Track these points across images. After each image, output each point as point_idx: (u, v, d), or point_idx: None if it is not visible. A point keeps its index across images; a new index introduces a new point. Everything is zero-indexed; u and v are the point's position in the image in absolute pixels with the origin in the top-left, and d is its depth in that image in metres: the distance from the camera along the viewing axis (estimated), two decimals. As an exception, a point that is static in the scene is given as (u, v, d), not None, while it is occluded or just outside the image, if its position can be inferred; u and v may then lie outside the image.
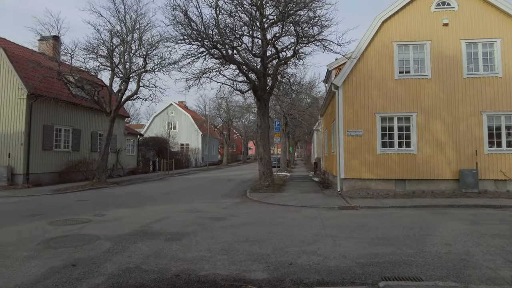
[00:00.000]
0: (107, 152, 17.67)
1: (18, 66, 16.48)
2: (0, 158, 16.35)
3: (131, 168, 26.06)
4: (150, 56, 17.20)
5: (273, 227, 6.91)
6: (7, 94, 16.54)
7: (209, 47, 13.12)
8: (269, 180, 14.53)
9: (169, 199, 11.61)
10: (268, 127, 15.23)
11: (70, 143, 19.39)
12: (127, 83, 17.56)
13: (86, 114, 20.71)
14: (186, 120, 42.46)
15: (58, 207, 9.55)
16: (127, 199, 11.52)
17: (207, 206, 9.82)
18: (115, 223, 7.18)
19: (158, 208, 9.37)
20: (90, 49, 16.17)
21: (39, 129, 17.03)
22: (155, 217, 7.92)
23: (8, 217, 8.04)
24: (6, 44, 17.60)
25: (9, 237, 5.94)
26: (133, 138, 27.85)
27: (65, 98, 18.03)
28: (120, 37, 16.84)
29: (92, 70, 16.76)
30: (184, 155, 38.05)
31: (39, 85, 16.60)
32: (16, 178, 16.18)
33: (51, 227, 6.74)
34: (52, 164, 17.93)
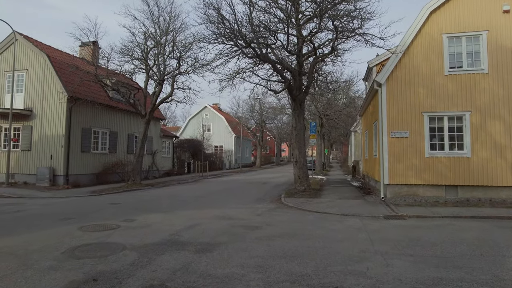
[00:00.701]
0: (142, 154, 17.79)
1: (59, 71, 17.02)
2: (43, 160, 16.97)
3: (167, 169, 26.32)
4: (183, 58, 17.12)
5: (313, 240, 6.20)
6: (50, 98, 17.14)
7: (242, 46, 12.65)
8: (305, 184, 13.76)
9: (201, 203, 11.24)
10: (303, 129, 14.48)
11: (107, 145, 19.80)
12: (161, 86, 17.57)
13: (123, 117, 21.10)
14: (220, 122, 42.57)
15: (91, 211, 9.46)
16: (159, 203, 11.30)
17: (240, 212, 9.29)
18: (143, 231, 6.82)
19: (189, 214, 8.98)
20: (125, 51, 16.35)
21: (78, 131, 17.49)
22: (186, 224, 7.50)
23: (44, 220, 7.99)
24: (49, 51, 18.30)
25: (38, 243, 5.74)
26: (169, 140, 28.15)
27: (102, 101, 18.41)
28: (154, 39, 16.88)
29: (128, 73, 16.92)
30: (218, 157, 38.09)
31: (78, 89, 17.04)
32: (57, 179, 16.69)
33: (80, 233, 6.51)
34: (90, 166, 18.35)
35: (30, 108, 17.55)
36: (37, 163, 17.04)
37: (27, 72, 17.77)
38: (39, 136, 17.24)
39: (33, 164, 17.17)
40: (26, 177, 17.18)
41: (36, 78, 17.57)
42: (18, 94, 17.78)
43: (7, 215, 8.74)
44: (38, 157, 17.15)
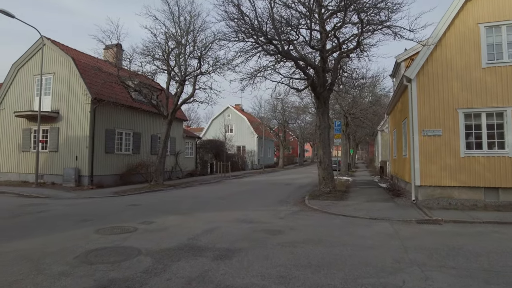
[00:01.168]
0: (164, 155, 17.78)
1: (84, 73, 17.31)
2: (69, 160, 17.31)
3: (190, 170, 26.35)
4: (204, 57, 16.95)
5: (340, 247, 5.71)
6: (75, 100, 17.47)
7: (263, 43, 12.26)
8: (330, 186, 13.18)
9: (222, 205, 10.94)
10: (328, 127, 13.90)
11: (131, 146, 19.98)
12: (183, 86, 17.50)
13: (146, 118, 21.25)
14: (242, 123, 42.42)
15: (111, 212, 9.37)
16: (179, 204, 11.09)
17: (262, 215, 8.89)
18: (160, 234, 6.57)
19: (209, 216, 8.68)
20: (146, 52, 16.36)
21: (102, 132, 17.71)
22: (205, 227, 7.19)
23: (63, 221, 7.93)
24: (74, 54, 18.67)
25: (53, 246, 5.59)
26: (192, 141, 28.21)
27: (125, 102, 18.58)
28: (175, 40, 16.81)
29: (149, 74, 16.96)
30: (240, 157, 37.91)
31: (101, 90, 17.26)
32: (82, 179, 16.96)
33: (96, 236, 6.33)
34: (114, 167, 18.55)
35: (57, 110, 17.97)
36: (64, 164, 17.39)
37: (54, 75, 18.21)
38: (65, 138, 17.61)
39: (60, 164, 17.55)
40: (53, 178, 17.58)
41: (62, 81, 17.96)
42: (46, 96, 18.25)
43: (31, 215, 8.78)
44: (64, 158, 17.51)
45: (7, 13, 15.17)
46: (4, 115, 19.65)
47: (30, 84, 18.92)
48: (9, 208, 9.94)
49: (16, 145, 19.07)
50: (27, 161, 18.32)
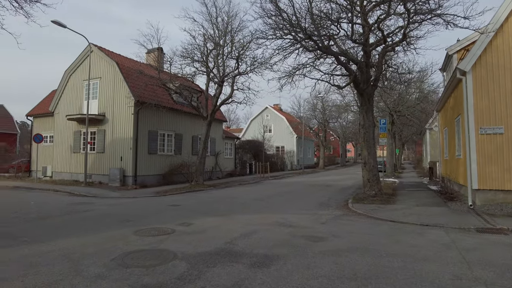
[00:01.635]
0: (204, 155, 17.94)
1: (127, 77, 17.97)
2: (114, 161, 18.07)
3: (229, 170, 26.51)
4: (242, 57, 16.82)
5: (389, 257, 5.17)
6: (119, 103, 18.20)
7: (302, 39, 11.83)
8: (376, 188, 12.40)
9: (261, 207, 10.67)
10: (373, 126, 13.11)
11: (173, 147, 20.45)
12: (221, 87, 17.53)
13: (187, 119, 21.65)
14: (281, 123, 42.00)
15: (151, 213, 9.48)
16: (218, 205, 11.00)
17: (302, 219, 8.48)
18: (198, 237, 6.43)
19: (247, 218, 8.44)
20: (186, 55, 16.57)
21: (145, 134, 18.27)
22: (242, 231, 6.95)
23: (106, 221, 8.12)
24: (118, 59, 19.48)
25: (93, 247, 5.65)
26: (231, 141, 28.37)
27: (166, 104, 19.02)
28: (213, 41, 16.87)
29: (189, 76, 17.18)
30: (279, 157, 37.52)
31: (144, 93, 17.80)
32: (127, 179, 17.60)
33: (134, 237, 6.34)
34: (156, 167, 19.06)
35: (103, 113, 18.84)
36: (110, 164, 18.19)
37: (101, 80, 19.13)
38: (111, 139, 18.41)
39: (106, 165, 18.37)
40: (100, 177, 18.45)
41: (108, 85, 18.81)
42: (93, 100, 19.23)
43: (77, 214, 9.13)
44: (110, 159, 18.31)
45: (59, 23, 16.12)
46: (58, 119, 21.01)
47: (80, 89, 20.06)
48: (60, 207, 10.45)
49: (68, 146, 20.30)
50: (77, 162, 19.42)
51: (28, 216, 8.74)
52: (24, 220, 8.21)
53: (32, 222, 7.99)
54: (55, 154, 21.15)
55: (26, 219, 8.34)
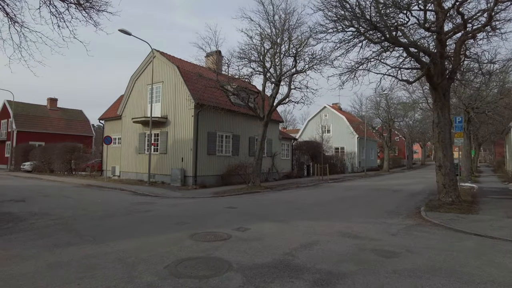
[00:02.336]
0: (261, 156, 17.65)
1: (187, 80, 18.44)
2: (176, 162, 18.63)
3: (286, 172, 25.98)
4: (300, 54, 16.18)
5: (487, 285, 4.20)
6: (180, 105, 18.75)
7: (366, 30, 10.86)
8: (453, 195, 10.91)
9: (320, 213, 9.96)
10: (449, 124, 11.60)
11: (230, 148, 20.53)
12: (278, 87, 17.08)
13: (244, 120, 21.61)
14: (340, 123, 40.29)
15: (207, 214, 9.33)
16: (275, 209, 10.53)
17: (368, 229, 7.62)
18: (254, 245, 6.00)
19: (307, 226, 7.82)
20: (243, 55, 16.43)
21: (204, 135, 18.57)
22: (303, 240, 6.37)
23: (163, 223, 8.12)
24: (179, 63, 20.10)
25: (148, 251, 5.54)
26: (288, 142, 27.82)
27: (224, 106, 19.14)
28: (270, 40, 16.50)
29: (246, 77, 17.01)
30: (339, 159, 35.93)
31: (203, 96, 18.08)
32: (187, 179, 18.03)
33: (189, 242, 6.13)
34: (215, 168, 19.27)
35: (166, 115, 19.57)
36: (172, 165, 18.80)
37: (163, 84, 19.90)
38: (173, 141, 19.03)
39: (169, 165, 19.03)
40: (163, 177, 19.17)
41: (169, 89, 19.50)
42: (156, 104, 20.09)
43: (138, 214, 9.33)
44: (172, 160, 18.94)
45: (125, 31, 17.06)
46: (125, 122, 22.38)
47: (144, 93, 21.12)
48: (123, 206, 10.86)
49: (134, 148, 21.50)
50: (142, 162, 20.43)
51: (94, 215, 9.14)
52: (90, 218, 8.57)
53: (97, 221, 8.30)
54: (122, 154, 22.57)
55: (92, 217, 8.72)
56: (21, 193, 13.91)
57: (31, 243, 6.08)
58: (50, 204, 11.16)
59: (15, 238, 6.49)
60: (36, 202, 11.53)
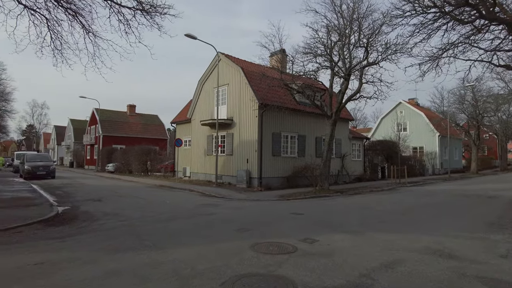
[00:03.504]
0: (329, 157, 16.49)
1: (251, 80, 18.14)
2: (241, 163, 18.46)
3: (357, 174, 24.23)
4: (372, 44, 14.69)
5: None
6: (245, 106, 18.54)
7: (454, 8, 9.21)
8: None
9: (402, 223, 8.63)
10: None
11: (296, 148, 19.72)
12: (347, 81, 15.77)
13: (310, 120, 20.63)
14: (418, 120, 36.60)
15: (271, 221, 8.69)
16: (347, 217, 9.45)
17: (465, 246, 6.20)
18: (323, 262, 5.15)
19: (386, 239, 6.69)
20: (308, 50, 15.49)
21: (269, 136, 18.07)
22: (382, 258, 5.34)
23: (225, 228, 7.69)
24: (243, 64, 19.96)
25: (205, 261, 5.08)
26: (359, 142, 25.98)
27: (289, 106, 18.41)
28: (338, 31, 15.30)
29: (311, 73, 16.02)
30: (418, 160, 32.59)
31: (267, 96, 17.59)
32: (252, 181, 17.70)
33: (250, 253, 5.52)
34: (280, 169, 18.64)
35: (231, 117, 19.55)
36: (237, 166, 18.68)
37: (228, 86, 19.94)
38: (238, 142, 18.90)
39: (235, 167, 18.96)
40: (229, 179, 19.16)
41: (234, 90, 19.43)
42: (222, 106, 20.20)
43: (202, 217, 9.11)
44: (238, 161, 18.81)
45: (191, 36, 17.40)
46: (194, 125, 23.02)
47: (211, 96, 21.45)
48: (189, 208, 10.81)
49: (203, 149, 21.95)
50: (210, 163, 20.71)
51: (160, 216, 9.15)
52: (156, 220, 8.56)
53: (161, 223, 8.23)
54: (192, 156, 23.25)
55: (157, 219, 8.70)
56: (100, 193, 14.93)
57: (96, 246, 6.09)
58: (122, 204, 11.63)
59: (84, 239, 6.60)
60: (110, 202, 12.15)
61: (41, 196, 12.91)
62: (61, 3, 9.82)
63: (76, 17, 10.14)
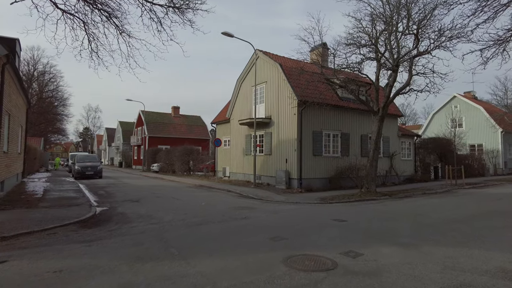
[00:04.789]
0: (376, 157, 15.17)
1: (290, 77, 17.35)
2: (280, 163, 17.73)
3: (407, 175, 22.39)
4: (423, 31, 13.19)
5: None
6: (283, 104, 17.79)
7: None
8: None
9: (464, 234, 7.35)
10: None
11: (339, 148, 18.56)
12: (396, 73, 14.38)
13: (354, 117, 19.34)
14: (476, 114, 33.25)
15: (310, 228, 7.87)
16: (396, 225, 8.34)
17: (553, 267, 4.97)
18: (368, 284, 4.28)
19: (447, 255, 5.60)
20: (351, 41, 14.33)
21: (309, 135, 17.14)
22: (444, 282, 4.33)
23: (257, 236, 7.01)
24: (282, 60, 19.21)
25: (229, 278, 4.47)
26: (409, 140, 24.04)
27: (330, 102, 17.33)
28: (384, 20, 13.99)
29: (355, 66, 14.83)
30: (476, 159, 29.54)
31: (306, 92, 16.69)
32: (292, 182, 16.91)
33: (282, 269, 4.80)
34: (322, 170, 17.62)
35: (269, 116, 18.90)
36: (276, 166, 17.99)
37: (266, 84, 19.30)
38: (277, 141, 18.20)
39: (273, 167, 18.28)
40: (268, 179, 18.53)
41: (273, 88, 18.75)
42: (260, 105, 19.63)
43: (233, 222, 8.54)
44: (276, 161, 18.12)
45: (228, 34, 17.04)
46: (233, 124, 22.71)
47: (249, 94, 20.97)
48: (222, 211, 10.33)
49: (241, 149, 21.55)
50: (249, 163, 20.24)
51: (192, 220, 8.75)
52: (186, 224, 8.16)
53: (192, 228, 7.79)
54: (231, 156, 22.97)
55: (189, 223, 8.30)
56: (140, 193, 15.06)
57: (120, 252, 5.76)
58: (158, 206, 11.47)
59: (110, 244, 6.33)
60: (147, 203, 12.08)
61: (83, 196, 13.22)
62: (96, 5, 9.83)
63: (110, 18, 10.12)
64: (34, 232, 7.42)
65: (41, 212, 9.59)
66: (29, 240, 6.74)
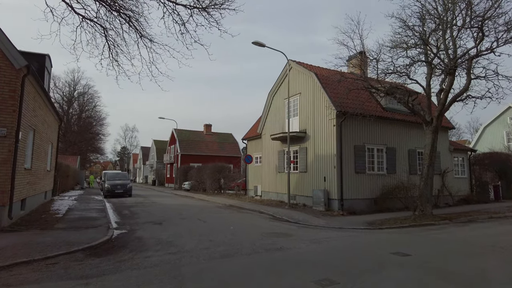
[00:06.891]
0: (431, 175, 13.04)
1: (327, 86, 15.87)
2: (317, 181, 16.00)
3: (462, 195, 19.66)
4: (488, 26, 11.25)
5: None
6: (320, 116, 16.23)
7: None
8: None
9: None
10: None
11: (384, 164, 16.51)
12: (452, 76, 12.42)
13: (400, 129, 17.29)
14: (539, 127, 29.57)
15: (366, 266, 6.10)
16: (483, 264, 6.32)
17: None
18: None
19: None
20: (396, 42, 12.64)
21: (350, 150, 15.34)
22: None
23: (293, 275, 5.43)
24: (317, 70, 17.82)
25: None
26: (462, 155, 21.38)
27: (373, 113, 15.49)
28: (436, 16, 12.21)
29: (402, 70, 13.05)
30: (543, 177, 25.82)
31: (345, 102, 15.07)
32: (332, 203, 15.08)
33: None
34: (366, 189, 15.62)
35: (304, 129, 17.37)
36: (313, 185, 16.27)
37: (300, 95, 17.89)
38: (313, 157, 16.54)
39: (309, 186, 16.57)
40: (304, 199, 16.81)
41: (307, 99, 17.30)
42: (294, 118, 18.19)
43: (264, 255, 6.96)
44: (313, 179, 16.41)
45: (259, 43, 15.99)
46: (265, 140, 21.37)
47: (282, 108, 19.63)
48: (253, 238, 8.79)
49: (274, 166, 20.05)
50: (282, 182, 18.65)
51: (216, 249, 7.31)
52: (208, 256, 6.71)
53: (214, 262, 6.33)
54: (263, 173, 21.51)
55: (211, 254, 6.86)
56: (165, 214, 13.92)
57: (119, 297, 4.42)
58: (181, 229, 10.17)
59: (111, 283, 5.04)
60: (170, 225, 10.85)
61: (105, 217, 12.27)
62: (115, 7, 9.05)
63: (130, 22, 9.29)
64: (34, 261, 6.36)
65: (53, 235, 8.63)
66: (21, 273, 5.63)
